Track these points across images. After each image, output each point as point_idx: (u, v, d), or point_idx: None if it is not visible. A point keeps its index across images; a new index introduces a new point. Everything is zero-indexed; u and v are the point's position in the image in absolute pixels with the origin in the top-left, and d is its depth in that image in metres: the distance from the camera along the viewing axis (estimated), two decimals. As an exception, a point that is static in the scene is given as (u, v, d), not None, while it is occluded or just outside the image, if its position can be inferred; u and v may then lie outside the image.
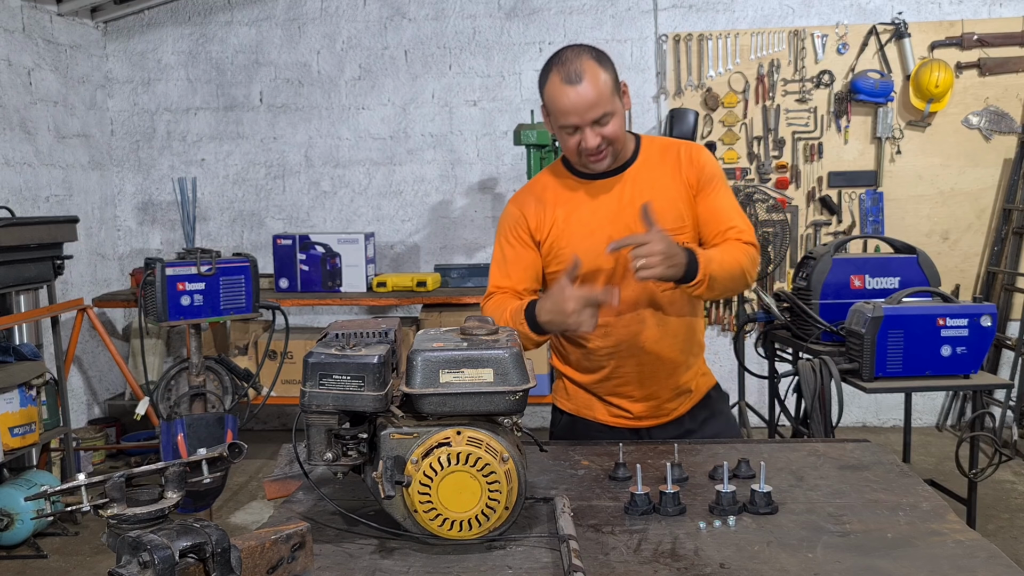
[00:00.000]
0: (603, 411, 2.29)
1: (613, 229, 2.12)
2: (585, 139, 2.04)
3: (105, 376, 5.62)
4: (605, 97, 2.01)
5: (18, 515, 3.85)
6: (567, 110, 2.01)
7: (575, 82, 1.99)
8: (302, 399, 1.54)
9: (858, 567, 1.44)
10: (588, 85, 1.99)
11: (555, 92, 2.02)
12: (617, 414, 2.29)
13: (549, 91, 2.05)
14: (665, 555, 1.50)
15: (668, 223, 2.09)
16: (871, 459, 2.00)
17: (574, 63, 2.01)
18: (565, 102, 2.01)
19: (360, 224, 5.77)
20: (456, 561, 1.50)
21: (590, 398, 2.30)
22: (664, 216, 2.07)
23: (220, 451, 1.36)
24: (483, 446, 1.51)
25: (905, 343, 3.01)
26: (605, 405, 2.29)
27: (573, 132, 2.05)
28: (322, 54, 5.68)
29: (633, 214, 2.10)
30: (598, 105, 2.00)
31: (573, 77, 1.99)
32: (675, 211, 2.14)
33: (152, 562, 1.09)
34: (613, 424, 2.29)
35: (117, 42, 5.73)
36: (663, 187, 2.15)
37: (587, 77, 1.99)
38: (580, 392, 2.31)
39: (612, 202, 2.16)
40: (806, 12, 5.44)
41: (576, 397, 2.32)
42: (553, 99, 2.04)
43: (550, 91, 2.04)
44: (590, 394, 2.30)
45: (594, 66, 2.01)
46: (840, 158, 5.45)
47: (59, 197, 5.17)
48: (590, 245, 2.12)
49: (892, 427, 5.52)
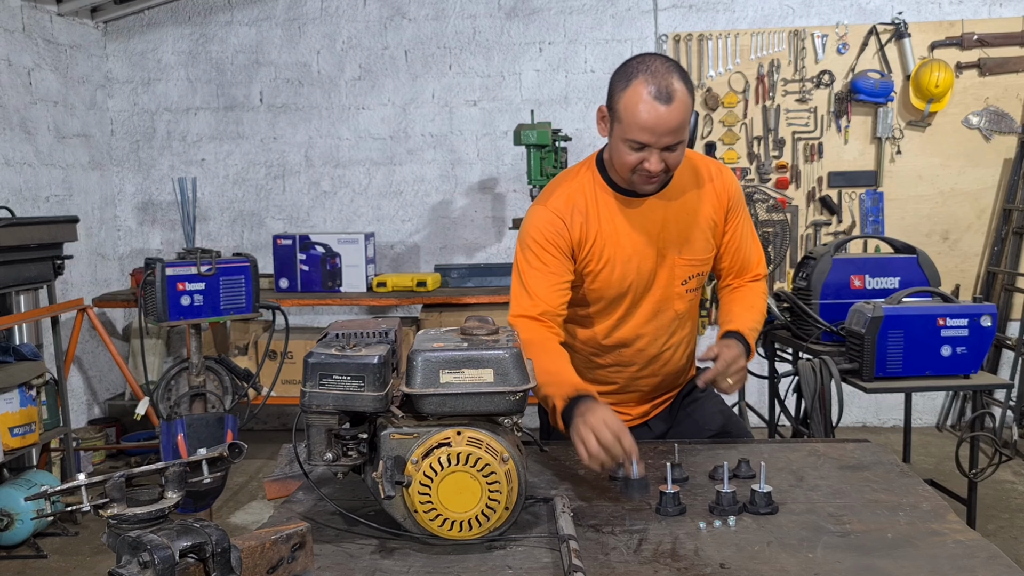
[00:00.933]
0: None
1: (647, 253, 2.08)
2: (650, 162, 1.91)
3: (105, 376, 5.62)
4: (685, 125, 1.89)
5: (18, 515, 3.85)
6: (646, 126, 1.87)
7: (665, 101, 1.85)
8: (302, 399, 1.54)
9: (858, 567, 1.44)
10: (676, 109, 1.86)
11: (637, 103, 1.87)
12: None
13: (630, 98, 1.88)
14: (665, 555, 1.50)
15: (699, 252, 2.13)
16: (871, 459, 2.00)
17: (666, 79, 1.87)
18: (646, 118, 1.86)
19: (360, 224, 5.77)
20: (456, 561, 1.50)
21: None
22: (696, 245, 2.12)
23: (220, 451, 1.36)
24: (483, 446, 1.51)
25: (905, 343, 3.01)
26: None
27: (638, 149, 1.91)
28: (322, 54, 5.68)
29: (665, 238, 2.09)
30: (676, 132, 1.89)
31: (664, 95, 1.86)
32: (705, 238, 2.13)
33: (152, 562, 1.09)
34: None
35: (117, 42, 5.73)
36: (694, 213, 2.11)
37: (677, 100, 1.86)
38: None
39: (646, 223, 2.07)
40: (806, 12, 5.44)
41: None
42: (632, 109, 1.88)
43: (631, 99, 1.88)
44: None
45: (684, 90, 1.88)
46: (840, 158, 5.45)
47: (59, 197, 5.17)
48: (624, 272, 2.08)
49: (892, 427, 5.52)
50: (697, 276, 2.16)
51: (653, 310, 2.15)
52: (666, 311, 2.16)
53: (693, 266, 2.13)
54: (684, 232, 2.10)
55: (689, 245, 2.10)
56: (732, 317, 2.16)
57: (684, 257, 2.11)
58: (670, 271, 2.11)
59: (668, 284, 2.13)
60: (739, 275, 2.26)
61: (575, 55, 5.57)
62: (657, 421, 2.34)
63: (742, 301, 2.20)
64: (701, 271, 2.16)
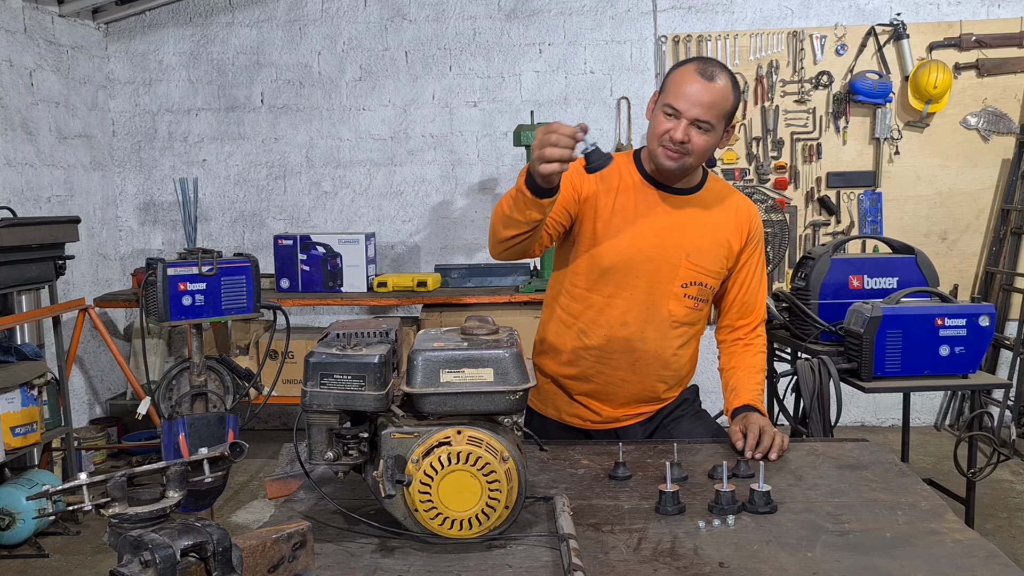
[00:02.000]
0: (568, 413, 2.31)
1: (654, 241, 2.16)
2: (676, 129, 2.06)
3: (106, 376, 5.63)
4: (717, 110, 2.06)
5: (20, 514, 3.85)
6: (681, 93, 2.05)
7: (707, 78, 2.05)
8: (303, 399, 1.55)
9: (857, 566, 1.44)
10: (714, 88, 2.05)
11: (684, 75, 2.07)
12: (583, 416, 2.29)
13: (678, 72, 2.09)
14: (664, 554, 1.50)
15: (707, 263, 2.20)
16: (870, 458, 2.01)
17: (715, 68, 2.08)
18: (686, 87, 2.05)
19: (361, 224, 5.78)
20: (456, 560, 1.50)
21: (558, 397, 2.31)
22: (705, 255, 2.20)
23: (221, 450, 1.36)
24: (483, 445, 1.52)
25: (904, 343, 3.01)
26: (573, 406, 2.29)
27: (671, 116, 2.07)
28: (323, 55, 5.69)
29: (677, 237, 2.17)
30: (709, 110, 2.05)
31: (708, 74, 2.06)
32: (716, 253, 2.21)
33: (154, 561, 1.10)
34: (576, 425, 2.31)
35: (118, 43, 5.74)
36: (716, 228, 2.21)
37: (719, 82, 2.06)
38: (552, 389, 2.32)
39: (663, 216, 2.18)
40: (805, 13, 5.45)
41: (547, 397, 2.33)
42: (677, 79, 2.08)
43: (679, 73, 2.09)
44: (564, 393, 2.30)
45: (729, 84, 2.09)
46: (839, 159, 5.45)
47: (61, 197, 5.18)
48: (626, 245, 2.15)
49: (891, 427, 5.53)
50: (698, 285, 2.20)
51: (645, 299, 2.18)
52: (659, 306, 2.18)
53: (698, 273, 2.19)
54: (698, 239, 2.18)
55: (699, 253, 2.18)
56: (736, 383, 2.23)
57: (691, 261, 2.18)
58: (673, 269, 2.17)
59: (668, 280, 2.17)
60: (741, 315, 2.30)
61: (575, 56, 5.58)
62: (625, 432, 2.30)
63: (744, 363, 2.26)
64: (704, 282, 2.20)
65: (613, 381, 2.25)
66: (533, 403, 2.34)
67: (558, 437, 2.28)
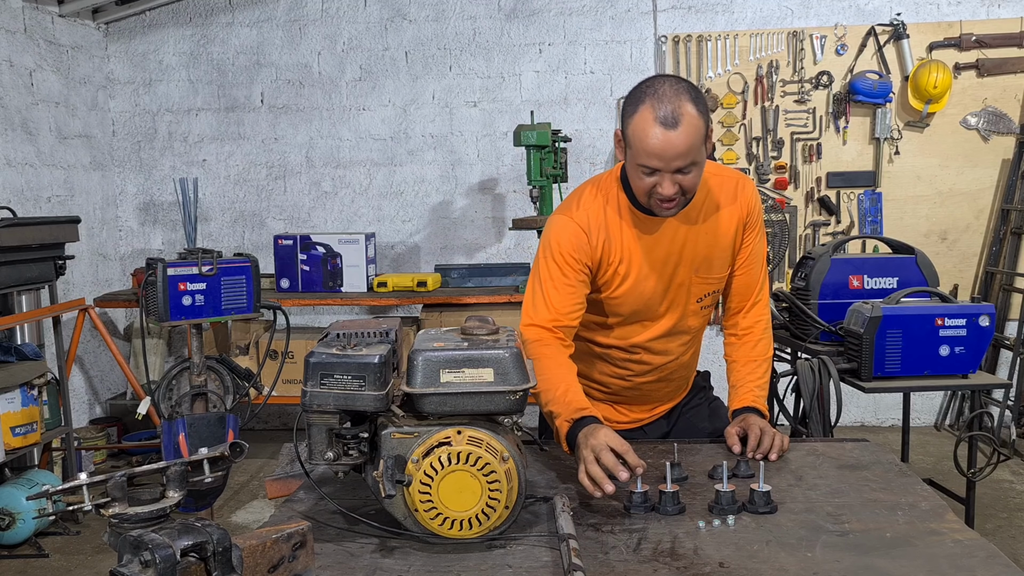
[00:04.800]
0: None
1: (664, 272, 2.07)
2: (662, 186, 1.88)
3: (106, 376, 5.63)
4: (695, 148, 1.85)
5: (20, 514, 3.85)
6: (653, 153, 1.85)
7: (670, 126, 1.82)
8: (303, 399, 1.55)
9: (857, 566, 1.44)
10: (683, 133, 1.83)
11: (644, 128, 1.85)
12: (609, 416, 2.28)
13: (637, 124, 1.86)
14: (664, 554, 1.50)
15: (716, 271, 2.12)
16: (870, 459, 2.01)
17: (672, 103, 1.83)
18: (654, 144, 1.84)
19: (361, 224, 5.78)
20: (456, 560, 1.50)
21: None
22: (714, 265, 2.11)
23: (221, 450, 1.36)
24: (483, 445, 1.52)
25: (904, 343, 3.02)
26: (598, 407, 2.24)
27: (651, 174, 1.89)
28: (323, 55, 5.69)
29: (684, 259, 2.07)
30: (686, 155, 1.85)
31: (670, 120, 1.82)
32: (724, 258, 2.12)
33: (154, 561, 1.09)
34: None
35: (118, 43, 5.74)
36: (718, 232, 2.09)
37: (684, 123, 1.82)
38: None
39: (668, 244, 2.06)
40: (805, 13, 5.45)
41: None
42: (640, 136, 1.86)
43: (638, 125, 1.86)
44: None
45: (692, 112, 1.84)
46: (839, 159, 5.45)
47: (61, 197, 5.18)
48: (642, 290, 2.07)
49: (891, 427, 5.53)
50: (712, 294, 2.17)
51: (668, 328, 2.14)
52: (681, 329, 2.17)
53: (710, 284, 2.13)
54: (704, 252, 2.08)
55: (707, 265, 2.10)
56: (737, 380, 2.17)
57: (701, 276, 2.11)
58: (687, 290, 2.11)
59: (685, 303, 2.12)
60: (743, 297, 2.21)
61: (575, 56, 5.57)
62: (652, 427, 2.35)
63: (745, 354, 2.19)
64: (717, 288, 2.17)
65: (642, 393, 2.27)
66: None
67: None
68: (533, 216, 4.68)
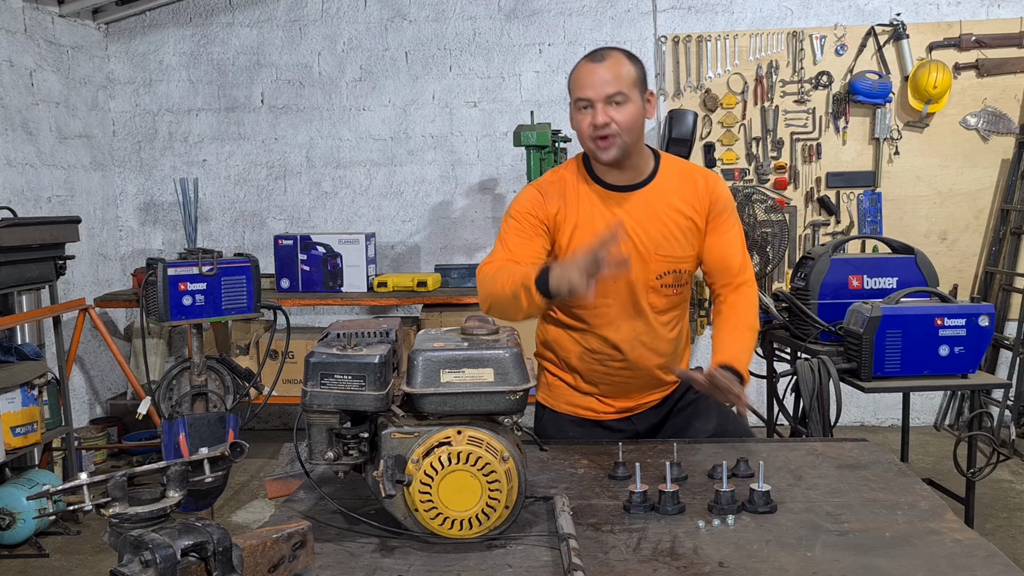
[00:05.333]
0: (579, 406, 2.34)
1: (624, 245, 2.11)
2: (595, 114, 2.08)
3: (107, 376, 5.63)
4: (623, 80, 2.08)
5: (20, 514, 3.86)
6: (583, 83, 2.09)
7: (598, 60, 2.10)
8: (303, 398, 1.55)
9: (856, 566, 1.44)
10: (609, 64, 2.09)
11: (578, 69, 2.13)
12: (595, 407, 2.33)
13: (575, 71, 2.14)
14: (664, 554, 1.51)
15: (675, 250, 2.20)
16: (869, 458, 2.01)
17: (604, 49, 2.14)
18: (583, 76, 2.10)
19: (361, 224, 5.78)
20: (456, 560, 1.51)
21: (567, 392, 2.34)
22: (672, 243, 2.20)
23: (222, 450, 1.36)
24: (483, 445, 1.52)
25: (903, 343, 3.02)
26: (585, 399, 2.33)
27: (586, 108, 2.10)
28: (323, 55, 5.69)
29: (642, 234, 2.18)
30: (614, 83, 2.07)
31: (597, 56, 2.11)
32: (683, 238, 2.21)
33: (154, 561, 1.10)
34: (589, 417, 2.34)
35: (119, 43, 5.74)
36: (674, 214, 2.20)
37: (610, 59, 2.10)
38: (562, 386, 2.35)
39: (626, 216, 2.17)
40: (804, 13, 5.45)
41: (558, 392, 2.36)
42: (575, 76, 2.13)
43: (575, 71, 2.14)
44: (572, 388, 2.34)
45: (621, 56, 2.12)
46: (838, 159, 5.45)
47: (61, 197, 5.18)
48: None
49: (890, 426, 5.53)
50: (673, 273, 2.22)
51: (627, 299, 2.21)
52: (640, 302, 2.22)
53: (668, 262, 2.20)
54: (661, 229, 2.19)
55: (667, 243, 2.19)
56: (720, 346, 2.21)
57: (660, 253, 2.20)
58: (645, 265, 2.19)
59: (643, 277, 2.20)
60: (724, 278, 2.28)
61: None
62: (640, 418, 2.36)
63: (729, 323, 2.25)
64: (678, 268, 2.22)
65: (615, 379, 2.29)
66: (544, 399, 2.38)
67: (571, 430, 2.32)
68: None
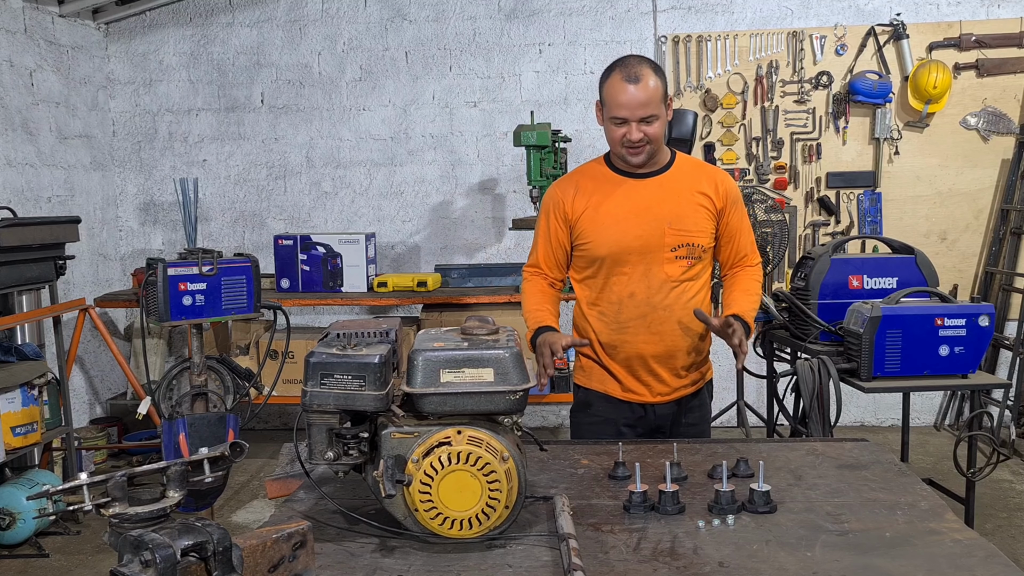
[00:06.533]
0: (615, 387, 2.51)
1: (636, 222, 2.42)
2: (630, 132, 2.36)
3: (107, 376, 5.63)
4: (655, 101, 2.34)
5: (20, 514, 3.86)
6: (622, 104, 2.34)
7: (634, 81, 2.32)
8: (304, 398, 1.55)
9: (856, 566, 1.45)
10: (644, 86, 2.33)
11: (615, 87, 2.35)
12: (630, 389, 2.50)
13: (609, 85, 2.37)
14: (664, 554, 1.51)
15: (688, 225, 2.44)
16: (869, 458, 2.01)
17: (636, 67, 2.34)
18: (622, 97, 2.33)
19: (361, 224, 5.78)
20: (456, 559, 1.51)
21: (604, 373, 2.53)
22: (685, 219, 2.44)
23: (222, 450, 1.37)
24: (483, 445, 1.52)
25: (903, 343, 3.02)
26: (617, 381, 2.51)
27: (621, 124, 2.36)
28: (323, 55, 5.69)
29: (656, 212, 2.43)
30: (648, 106, 2.33)
31: (633, 77, 2.33)
32: (696, 217, 2.45)
33: (154, 561, 1.10)
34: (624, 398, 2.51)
35: (119, 43, 5.74)
36: (686, 196, 2.46)
37: (643, 80, 2.33)
38: (595, 367, 2.54)
39: (641, 198, 2.44)
40: (804, 13, 5.45)
41: (591, 372, 2.55)
42: (611, 93, 2.36)
43: (610, 85, 2.36)
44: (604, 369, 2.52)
45: (651, 73, 2.35)
46: (838, 159, 5.45)
47: (61, 198, 5.19)
48: (613, 232, 2.42)
49: (890, 426, 5.53)
50: (687, 246, 2.44)
51: (643, 269, 2.44)
52: (655, 272, 2.44)
53: (682, 236, 2.43)
54: (675, 208, 2.44)
55: (680, 219, 2.43)
56: (732, 302, 2.51)
57: (673, 228, 2.43)
58: (660, 238, 2.43)
59: (658, 249, 2.43)
60: (735, 264, 2.57)
61: (575, 56, 5.58)
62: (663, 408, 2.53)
63: (739, 287, 2.54)
64: (691, 242, 2.44)
65: (637, 345, 2.46)
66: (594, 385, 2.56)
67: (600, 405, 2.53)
68: (533, 216, 4.68)
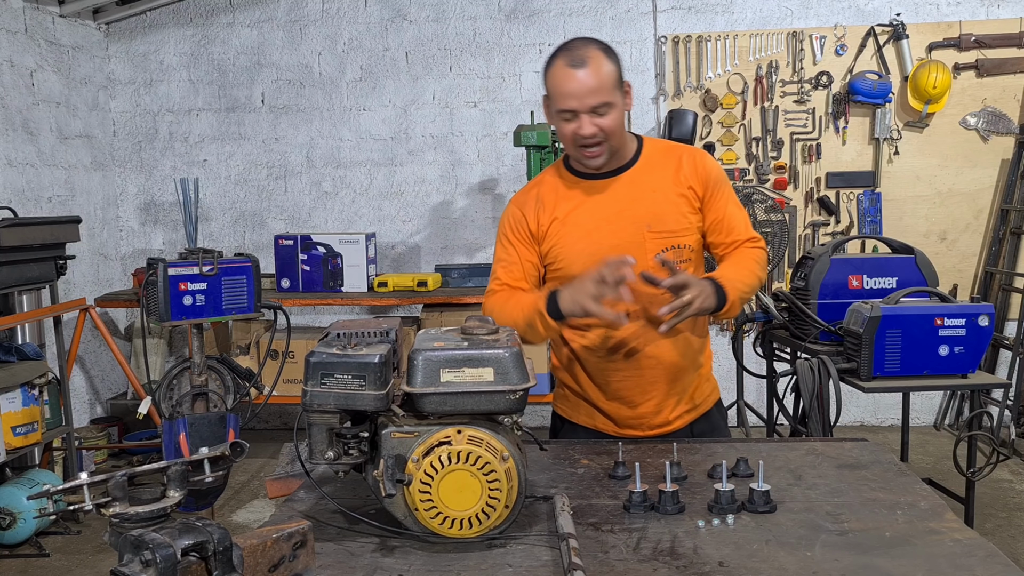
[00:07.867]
0: (602, 420, 2.25)
1: (610, 230, 2.12)
2: (581, 126, 2.02)
3: (107, 376, 5.63)
4: (606, 87, 2.00)
5: (20, 514, 3.86)
6: (567, 93, 2.00)
7: (578, 66, 1.99)
8: (304, 398, 1.55)
9: (856, 566, 1.44)
10: (591, 71, 1.99)
11: (557, 75, 2.02)
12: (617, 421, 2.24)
13: (552, 74, 2.04)
14: (664, 553, 1.51)
15: (670, 225, 2.13)
16: (869, 458, 2.01)
17: (580, 50, 2.01)
18: (566, 85, 2.00)
19: (361, 224, 5.78)
20: (456, 559, 1.51)
21: (591, 407, 2.26)
22: (666, 218, 2.13)
23: (222, 450, 1.37)
24: (483, 445, 1.52)
25: (903, 343, 3.02)
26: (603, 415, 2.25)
27: (571, 118, 2.03)
28: (323, 55, 5.70)
29: (631, 215, 2.12)
30: (598, 92, 1.99)
31: (577, 61, 1.99)
32: (678, 212, 2.14)
33: (154, 561, 1.10)
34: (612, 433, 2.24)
35: (119, 43, 5.74)
36: (663, 190, 2.14)
37: (591, 63, 1.99)
38: (580, 401, 2.28)
39: (610, 202, 2.14)
40: (804, 14, 5.45)
41: (577, 406, 2.29)
42: (554, 82, 2.03)
43: (553, 74, 2.03)
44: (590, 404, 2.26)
45: (599, 55, 2.01)
46: (838, 159, 5.46)
47: (62, 197, 5.19)
48: (586, 245, 2.12)
49: (890, 426, 5.53)
50: (673, 249, 2.13)
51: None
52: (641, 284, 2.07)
53: (664, 238, 2.13)
54: (652, 208, 2.13)
55: (659, 219, 2.12)
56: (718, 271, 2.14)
57: (654, 231, 2.12)
58: (640, 245, 2.10)
59: (639, 256, 2.05)
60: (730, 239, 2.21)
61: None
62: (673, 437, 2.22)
63: (728, 260, 2.19)
64: (676, 244, 2.13)
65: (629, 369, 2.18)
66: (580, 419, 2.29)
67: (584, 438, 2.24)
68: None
